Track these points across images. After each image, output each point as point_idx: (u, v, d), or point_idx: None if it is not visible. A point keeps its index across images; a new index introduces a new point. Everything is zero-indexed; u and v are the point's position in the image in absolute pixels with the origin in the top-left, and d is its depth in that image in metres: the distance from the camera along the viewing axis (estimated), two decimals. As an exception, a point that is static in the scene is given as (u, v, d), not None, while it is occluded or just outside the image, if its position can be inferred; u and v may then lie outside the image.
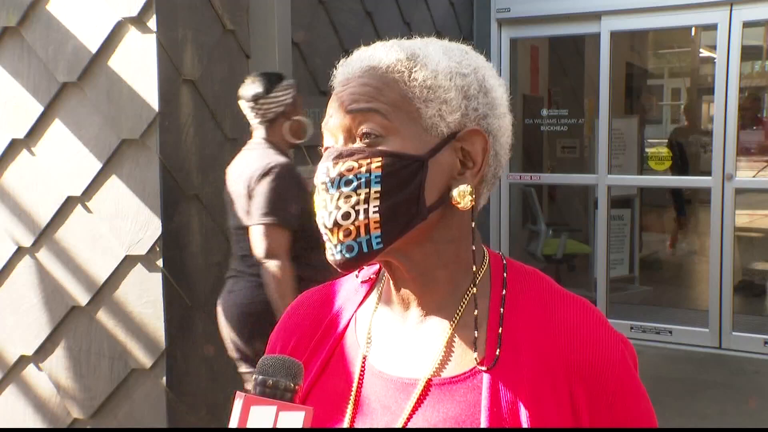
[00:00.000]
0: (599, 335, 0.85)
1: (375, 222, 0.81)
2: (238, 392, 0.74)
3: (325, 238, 0.84)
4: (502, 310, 0.86)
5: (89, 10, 2.27)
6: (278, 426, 0.72)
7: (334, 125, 0.85)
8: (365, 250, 0.82)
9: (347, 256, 0.82)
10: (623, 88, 6.61)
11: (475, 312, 0.87)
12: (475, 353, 0.84)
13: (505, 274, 0.90)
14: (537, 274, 0.91)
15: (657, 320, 5.06)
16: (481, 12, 4.79)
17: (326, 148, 0.87)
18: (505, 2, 4.73)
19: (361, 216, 0.81)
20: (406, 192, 0.82)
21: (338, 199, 0.82)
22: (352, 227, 0.81)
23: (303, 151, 2.82)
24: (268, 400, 0.73)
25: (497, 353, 0.84)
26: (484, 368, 0.83)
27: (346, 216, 0.81)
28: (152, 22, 2.19)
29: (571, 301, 0.88)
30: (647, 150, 6.01)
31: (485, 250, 0.92)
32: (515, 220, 5.14)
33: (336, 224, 0.82)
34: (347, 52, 0.91)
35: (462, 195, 0.84)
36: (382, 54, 0.85)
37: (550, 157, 5.63)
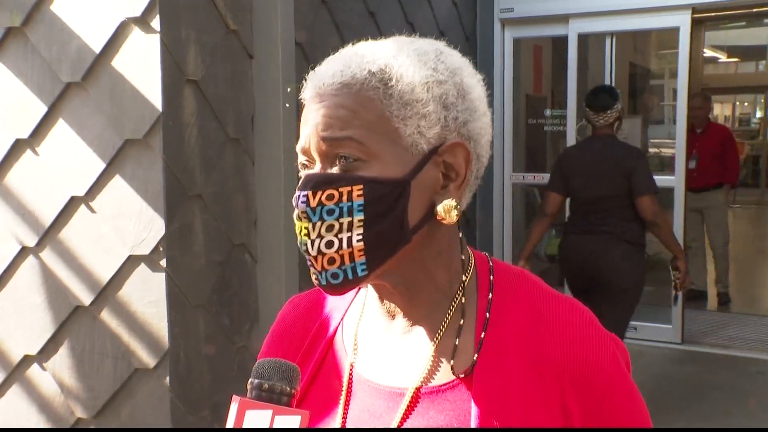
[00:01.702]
0: (589, 335, 0.83)
1: (359, 250, 0.79)
2: (234, 396, 0.72)
3: (308, 264, 0.82)
4: (487, 315, 0.85)
5: (93, 11, 2.27)
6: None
7: (310, 148, 0.82)
8: (350, 277, 0.80)
9: (333, 282, 0.81)
10: (626, 88, 6.60)
11: (461, 321, 0.86)
12: (452, 361, 0.83)
13: (491, 277, 0.88)
14: (525, 275, 0.90)
15: (659, 320, 5.05)
16: (484, 12, 4.78)
17: (303, 165, 0.84)
18: (508, 2, 4.72)
19: (345, 245, 0.79)
20: (389, 218, 0.79)
21: (320, 228, 0.79)
22: (336, 255, 0.79)
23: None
24: (264, 404, 0.72)
25: (474, 359, 0.83)
26: (462, 375, 0.82)
27: (329, 244, 0.79)
28: (155, 23, 2.19)
29: (560, 302, 0.86)
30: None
31: (471, 253, 0.90)
32: (518, 220, 5.13)
33: (320, 252, 0.80)
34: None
35: (447, 210, 0.81)
36: (355, 68, 0.80)
37: (553, 157, 5.61)
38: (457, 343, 0.84)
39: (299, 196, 0.80)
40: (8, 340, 2.49)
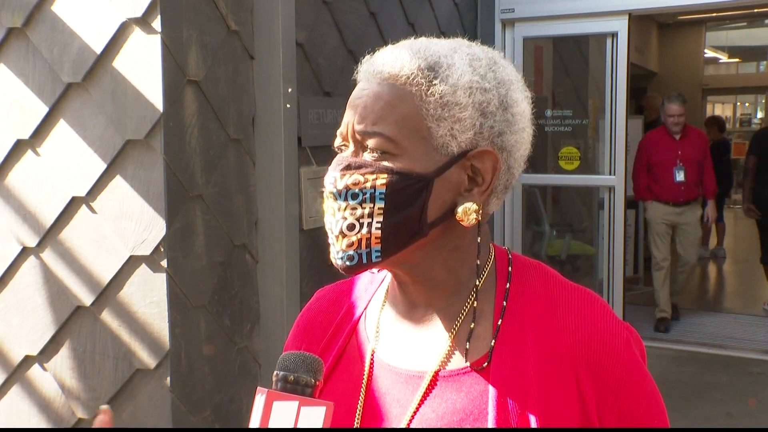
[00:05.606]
0: (603, 323, 0.86)
1: (376, 237, 0.83)
2: (259, 387, 0.76)
3: (330, 241, 0.86)
4: (504, 303, 0.88)
5: (94, 11, 2.27)
6: (300, 421, 0.74)
7: (347, 132, 0.86)
8: (365, 261, 0.84)
9: (348, 264, 0.85)
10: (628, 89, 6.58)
11: (479, 309, 0.89)
12: (470, 347, 0.86)
13: (510, 269, 0.91)
14: (542, 268, 0.93)
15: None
16: (485, 12, 4.78)
17: (338, 148, 0.88)
18: (509, 2, 4.72)
19: (364, 230, 0.83)
20: (408, 210, 0.82)
21: (344, 209, 0.83)
22: (354, 238, 0.83)
23: (307, 151, 2.82)
24: (290, 396, 0.75)
25: (492, 344, 0.85)
26: (479, 360, 0.85)
27: (350, 227, 0.83)
28: (157, 23, 2.19)
29: (576, 292, 0.89)
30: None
31: (491, 246, 0.93)
32: (518, 220, 5.12)
33: (341, 233, 0.84)
34: (351, 53, 0.91)
35: (466, 212, 0.84)
36: (405, 60, 0.84)
37: (554, 157, 5.60)
38: (475, 329, 0.87)
39: (329, 176, 0.85)
40: (9, 340, 2.49)
